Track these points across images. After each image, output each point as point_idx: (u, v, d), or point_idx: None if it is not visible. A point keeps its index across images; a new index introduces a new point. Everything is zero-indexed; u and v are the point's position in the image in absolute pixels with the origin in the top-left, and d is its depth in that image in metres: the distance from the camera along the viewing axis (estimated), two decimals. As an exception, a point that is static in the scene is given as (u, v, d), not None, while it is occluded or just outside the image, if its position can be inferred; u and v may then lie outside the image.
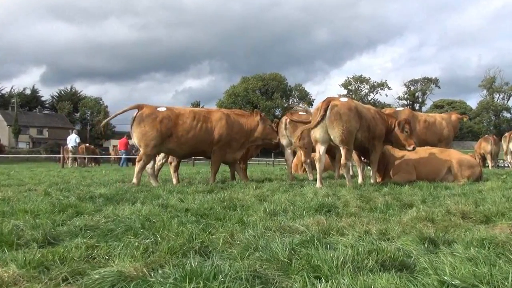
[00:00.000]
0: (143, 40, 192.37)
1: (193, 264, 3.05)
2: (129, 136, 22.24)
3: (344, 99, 9.70)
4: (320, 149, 9.62)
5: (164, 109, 10.25)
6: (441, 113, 20.80)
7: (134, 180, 9.98)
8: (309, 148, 12.23)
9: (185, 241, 3.87)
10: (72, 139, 31.36)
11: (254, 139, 11.26)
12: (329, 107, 9.36)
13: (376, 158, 10.38)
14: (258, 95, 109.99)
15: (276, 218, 5.26)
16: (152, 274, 3.03)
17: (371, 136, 10.02)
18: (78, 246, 3.74)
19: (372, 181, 10.11)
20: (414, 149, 10.25)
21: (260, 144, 11.92)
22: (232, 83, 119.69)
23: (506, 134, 22.36)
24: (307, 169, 12.47)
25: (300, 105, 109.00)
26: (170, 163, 10.74)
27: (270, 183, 10.06)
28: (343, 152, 9.52)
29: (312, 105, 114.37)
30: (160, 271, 3.07)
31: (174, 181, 10.54)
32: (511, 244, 3.79)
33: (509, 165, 24.82)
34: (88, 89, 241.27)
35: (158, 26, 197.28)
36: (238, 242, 4.00)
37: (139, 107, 10.17)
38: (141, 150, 10.02)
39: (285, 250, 3.47)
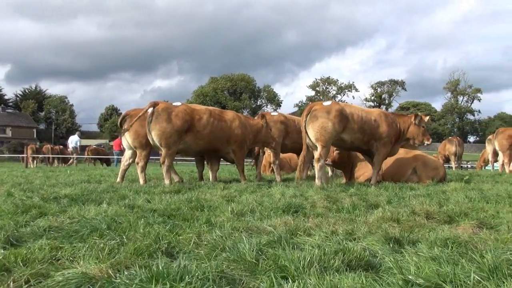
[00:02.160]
0: (111, 39, 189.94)
1: (159, 265, 3.03)
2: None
3: (327, 103, 10.13)
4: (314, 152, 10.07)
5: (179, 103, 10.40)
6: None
7: (166, 182, 10.02)
8: (278, 149, 12.29)
9: (152, 242, 3.84)
10: (74, 141, 30.97)
11: (257, 141, 11.57)
12: (309, 112, 9.98)
13: (379, 160, 10.48)
14: (227, 95, 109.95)
15: (243, 218, 5.26)
16: (117, 276, 2.99)
17: (369, 138, 10.22)
18: (41, 247, 3.68)
19: (372, 182, 10.09)
20: (430, 143, 10.81)
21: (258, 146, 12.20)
22: (201, 83, 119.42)
23: (490, 136, 22.79)
24: (275, 170, 12.50)
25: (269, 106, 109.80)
26: (137, 163, 10.63)
27: (237, 183, 10.05)
28: (318, 149, 9.85)
29: (280, 106, 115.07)
30: (126, 272, 3.04)
31: (141, 181, 10.43)
32: (474, 244, 3.89)
33: (493, 166, 25.36)
34: (54, 88, 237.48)
35: (127, 25, 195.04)
36: (205, 242, 3.99)
37: (155, 104, 10.17)
38: (163, 150, 10.05)
39: (253, 251, 3.48)
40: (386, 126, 10.34)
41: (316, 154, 9.90)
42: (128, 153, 11.10)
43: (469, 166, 43.63)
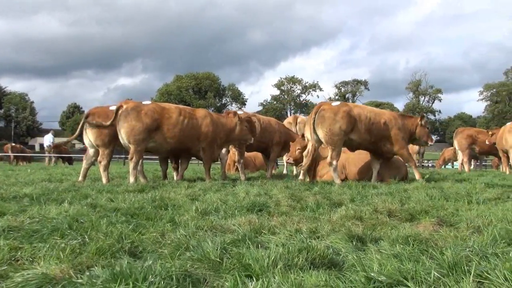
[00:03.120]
0: (74, 36, 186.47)
1: (122, 265, 2.99)
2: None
3: (336, 103, 10.52)
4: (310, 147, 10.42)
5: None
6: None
7: (131, 179, 9.97)
8: (243, 148, 12.30)
9: (115, 242, 3.79)
10: (48, 139, 30.48)
11: (232, 139, 11.58)
12: (317, 111, 10.28)
13: (410, 160, 11.09)
14: (191, 94, 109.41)
15: (208, 217, 5.24)
16: (79, 276, 2.94)
17: (376, 139, 10.54)
18: (0, 248, 3.59)
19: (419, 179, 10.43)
20: (433, 143, 11.44)
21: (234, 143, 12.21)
22: (166, 81, 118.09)
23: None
24: (239, 169, 12.51)
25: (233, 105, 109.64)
26: (100, 162, 10.47)
27: (202, 182, 10.02)
28: (329, 152, 10.21)
29: (245, 105, 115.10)
30: (87, 273, 2.98)
31: (104, 180, 10.28)
32: (434, 241, 3.96)
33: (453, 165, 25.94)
34: (14, 85, 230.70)
35: (90, 22, 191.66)
36: (169, 242, 3.96)
37: (124, 103, 10.22)
38: (131, 147, 10.03)
39: (217, 250, 3.46)
40: (396, 129, 10.68)
41: (328, 158, 10.21)
42: (90, 152, 10.94)
43: (430, 165, 44.55)
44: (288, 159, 10.72)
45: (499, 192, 7.57)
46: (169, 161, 11.80)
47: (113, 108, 10.46)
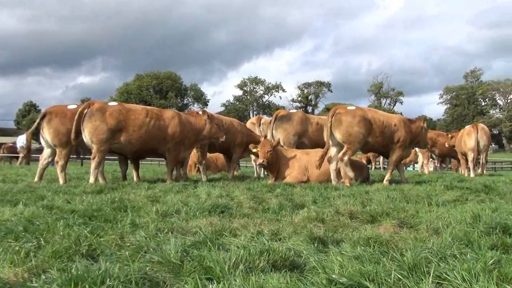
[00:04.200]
0: (33, 33, 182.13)
1: (79, 268, 2.93)
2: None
3: (351, 107, 11.04)
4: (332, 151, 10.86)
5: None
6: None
7: (91, 179, 9.94)
8: (205, 149, 12.27)
9: (72, 244, 3.72)
10: (21, 140, 29.75)
11: (202, 138, 11.56)
12: (333, 114, 10.75)
13: (394, 161, 11.46)
14: (152, 93, 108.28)
15: (168, 219, 5.21)
16: (34, 280, 2.88)
17: (388, 142, 11.08)
18: (-50, 251, 3.48)
19: (385, 182, 10.76)
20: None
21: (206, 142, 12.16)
22: (126, 80, 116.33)
23: None
24: (201, 170, 12.46)
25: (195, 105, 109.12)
26: (57, 162, 10.27)
27: (163, 183, 9.94)
28: (345, 148, 10.63)
29: (207, 105, 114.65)
30: (43, 276, 2.93)
31: (61, 181, 10.10)
32: (395, 243, 4.03)
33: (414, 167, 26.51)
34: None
35: (50, 18, 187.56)
36: (128, 244, 3.91)
37: (90, 104, 10.20)
38: (94, 147, 9.99)
39: (177, 252, 3.44)
40: (404, 132, 11.19)
41: (341, 153, 10.62)
42: (47, 152, 10.74)
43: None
44: (261, 161, 10.70)
45: (458, 194, 7.74)
46: (129, 162, 11.68)
47: (72, 107, 10.33)
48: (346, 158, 10.56)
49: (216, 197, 7.26)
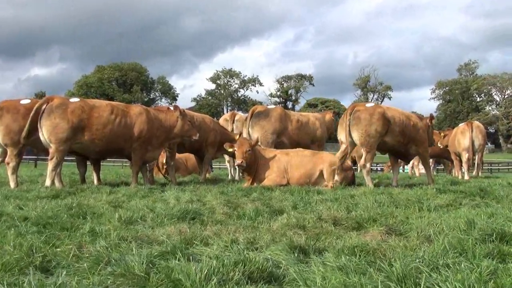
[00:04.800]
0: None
1: (32, 282, 2.91)
2: None
3: (370, 105, 11.50)
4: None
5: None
6: (315, 112, 21.68)
7: (48, 181, 9.87)
8: (174, 149, 12.22)
9: (24, 255, 3.68)
10: None
11: (174, 136, 11.48)
12: (352, 112, 11.03)
13: (428, 161, 12.52)
14: (115, 87, 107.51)
15: (132, 227, 5.20)
16: (-20, 296, 2.85)
17: (408, 141, 11.54)
18: None
19: (431, 184, 11.14)
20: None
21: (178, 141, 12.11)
22: (86, 72, 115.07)
23: None
24: (169, 172, 12.41)
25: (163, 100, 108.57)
26: (7, 163, 10.13)
27: (126, 187, 9.88)
28: (364, 154, 11.06)
29: (176, 100, 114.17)
30: (-10, 292, 2.89)
31: (12, 184, 9.96)
32: (382, 251, 4.06)
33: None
34: None
35: (1, 3, 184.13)
36: (87, 255, 3.88)
37: (49, 99, 10.11)
38: (53, 146, 9.88)
39: (142, 263, 3.43)
40: (422, 131, 11.81)
41: (362, 160, 11.09)
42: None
43: (378, 168, 45.63)
44: (240, 162, 10.67)
45: (451, 198, 7.83)
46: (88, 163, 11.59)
47: (25, 102, 10.22)
48: (368, 165, 11.07)
49: (186, 202, 7.24)
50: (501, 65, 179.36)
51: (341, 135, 11.40)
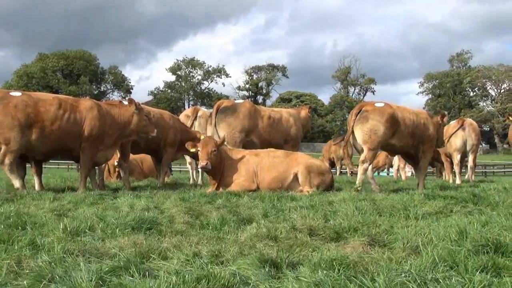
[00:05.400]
0: None
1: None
2: None
3: (379, 104, 11.59)
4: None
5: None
6: (289, 107, 21.71)
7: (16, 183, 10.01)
8: (128, 149, 12.13)
9: (-48, 272, 3.64)
10: None
11: (129, 133, 11.41)
12: (360, 112, 11.36)
13: (426, 164, 12.67)
14: (60, 77, 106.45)
15: (80, 238, 5.16)
16: None
17: (418, 142, 11.87)
18: None
19: (420, 190, 10.97)
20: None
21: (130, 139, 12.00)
22: (26, 61, 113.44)
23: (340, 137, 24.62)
24: (122, 175, 12.33)
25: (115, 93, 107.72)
26: None
27: (73, 193, 9.79)
28: (364, 152, 11.33)
29: (130, 93, 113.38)
30: None
31: None
32: (364, 265, 4.10)
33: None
34: None
35: None
36: (27, 271, 3.85)
37: None
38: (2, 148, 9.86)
39: (91, 280, 3.41)
40: (432, 129, 12.10)
41: (361, 157, 11.39)
42: None
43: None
44: (204, 163, 10.63)
45: (440, 205, 7.93)
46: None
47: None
48: (367, 164, 11.36)
49: (141, 209, 7.22)
50: (497, 56, 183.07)
51: (346, 136, 11.84)
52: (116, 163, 13.10)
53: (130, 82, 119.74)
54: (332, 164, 27.68)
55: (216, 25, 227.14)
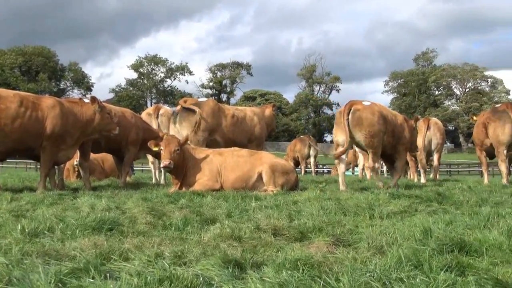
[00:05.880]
0: None
1: None
2: None
3: (367, 103, 11.91)
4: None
5: None
6: (253, 106, 21.72)
7: None
8: (88, 147, 12.02)
9: None
10: None
11: (91, 132, 11.33)
12: (351, 111, 11.50)
13: (402, 165, 13.09)
14: (18, 74, 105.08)
15: (38, 240, 5.10)
16: None
17: (396, 142, 12.22)
18: None
19: (393, 187, 11.55)
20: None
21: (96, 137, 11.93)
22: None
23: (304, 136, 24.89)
24: (83, 175, 12.22)
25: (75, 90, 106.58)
26: None
27: (31, 193, 9.68)
28: (370, 156, 11.75)
29: (91, 90, 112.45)
30: None
31: None
32: (328, 265, 4.13)
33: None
34: None
35: None
36: (-18, 274, 3.79)
37: None
38: None
39: (50, 283, 3.38)
40: (408, 132, 12.51)
41: (370, 162, 11.83)
42: None
43: (325, 170, 46.33)
44: (167, 163, 10.56)
45: (405, 204, 8.01)
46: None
47: None
48: (377, 165, 11.94)
49: (102, 210, 7.16)
50: (462, 55, 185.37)
51: (340, 137, 11.83)
52: (76, 163, 12.99)
53: (90, 79, 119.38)
54: (297, 163, 27.78)
55: (179, 22, 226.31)
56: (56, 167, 11.54)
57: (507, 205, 8.04)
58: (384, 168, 21.97)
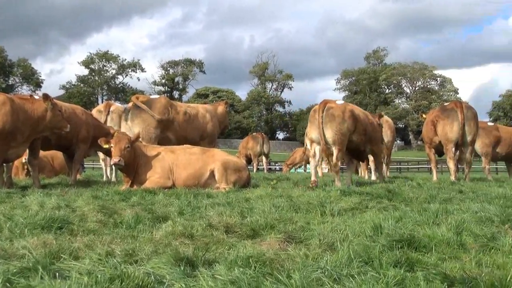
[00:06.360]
0: None
1: None
2: None
3: (340, 102, 12.50)
4: (316, 149, 12.33)
5: None
6: (205, 103, 21.68)
7: None
8: (37, 144, 11.83)
9: None
10: None
11: (42, 129, 11.06)
12: (324, 109, 11.87)
13: (380, 160, 14.09)
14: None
15: (-15, 239, 5.01)
16: None
17: (367, 140, 12.75)
18: None
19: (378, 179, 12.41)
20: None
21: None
22: None
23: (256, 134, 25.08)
24: (32, 173, 12.02)
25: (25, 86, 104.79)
26: None
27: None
28: (335, 153, 11.95)
29: (40, 87, 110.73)
30: None
31: None
32: (280, 262, 4.15)
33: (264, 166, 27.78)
34: None
35: None
36: None
37: None
38: None
39: (-3, 282, 3.32)
40: (378, 130, 13.35)
41: (334, 159, 12.01)
42: None
43: (277, 167, 46.53)
44: (117, 160, 10.45)
45: (356, 201, 8.11)
46: None
47: None
48: (340, 164, 12.16)
49: (52, 208, 7.06)
50: (411, 54, 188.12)
51: (313, 134, 12.20)
52: (25, 160, 12.78)
53: (40, 76, 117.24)
54: (249, 161, 27.83)
55: (131, 18, 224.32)
56: (4, 164, 11.32)
57: (455, 202, 8.21)
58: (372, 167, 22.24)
